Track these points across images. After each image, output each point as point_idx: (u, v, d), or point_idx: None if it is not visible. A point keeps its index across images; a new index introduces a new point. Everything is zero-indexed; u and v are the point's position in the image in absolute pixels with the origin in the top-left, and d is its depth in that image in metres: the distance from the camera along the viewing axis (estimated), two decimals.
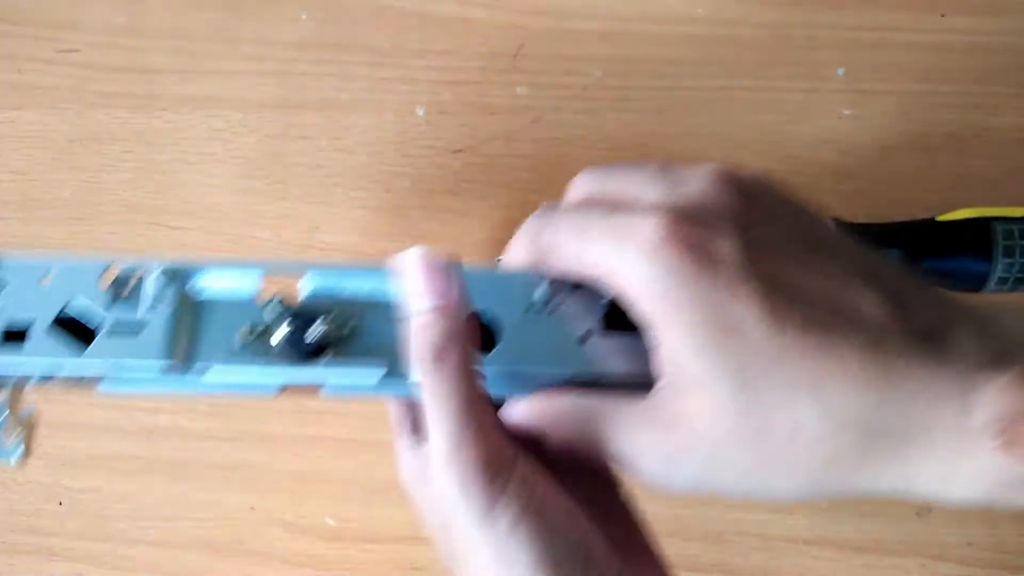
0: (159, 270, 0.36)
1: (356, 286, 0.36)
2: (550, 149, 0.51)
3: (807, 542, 0.47)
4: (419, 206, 0.50)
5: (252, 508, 0.48)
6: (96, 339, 0.35)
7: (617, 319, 0.36)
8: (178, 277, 0.36)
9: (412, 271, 0.33)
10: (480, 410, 0.32)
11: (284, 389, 0.36)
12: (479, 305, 0.35)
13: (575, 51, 0.52)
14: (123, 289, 0.36)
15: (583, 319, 0.35)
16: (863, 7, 0.52)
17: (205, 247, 0.50)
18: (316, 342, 0.35)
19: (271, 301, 0.36)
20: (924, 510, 0.47)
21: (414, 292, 0.33)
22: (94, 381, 0.36)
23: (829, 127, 0.50)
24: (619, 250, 0.31)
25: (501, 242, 0.49)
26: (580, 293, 0.36)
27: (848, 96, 0.51)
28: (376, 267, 0.36)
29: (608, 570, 0.32)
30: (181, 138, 0.51)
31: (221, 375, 0.35)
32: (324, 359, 0.35)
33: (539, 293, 0.35)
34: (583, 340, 0.35)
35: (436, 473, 0.32)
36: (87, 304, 0.36)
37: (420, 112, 0.51)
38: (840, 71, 0.51)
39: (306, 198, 0.51)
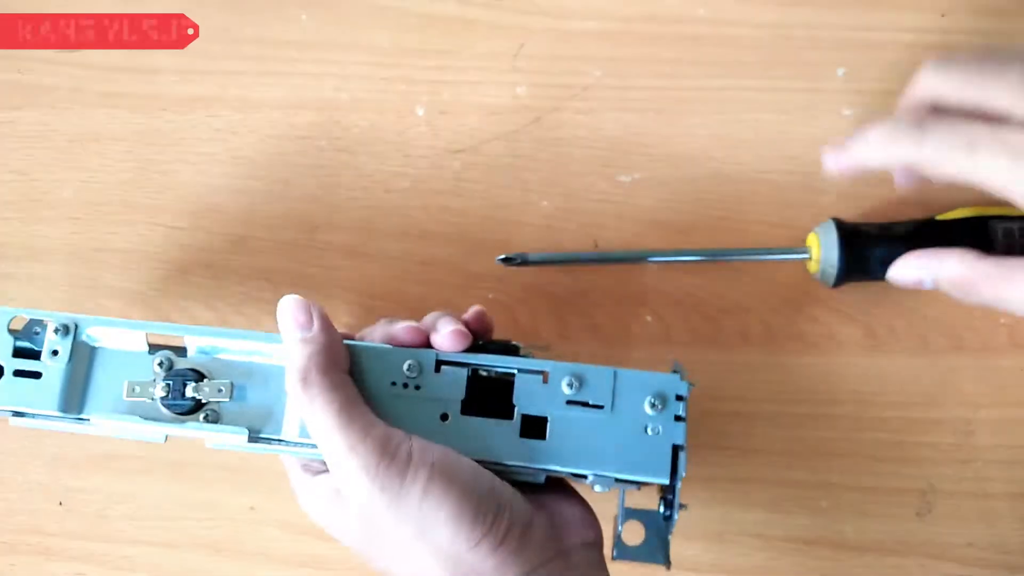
0: (56, 323, 0.39)
1: (237, 349, 0.40)
2: (550, 149, 0.51)
3: (807, 542, 0.47)
4: (419, 206, 0.50)
5: (252, 508, 0.48)
6: (0, 380, 0.39)
7: (478, 402, 0.38)
8: (73, 330, 0.39)
9: (280, 314, 0.37)
10: (358, 411, 0.36)
11: (168, 438, 0.39)
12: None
13: (575, 51, 0.52)
14: (29, 334, 0.40)
15: (445, 399, 0.38)
16: (863, 7, 0.52)
17: (205, 247, 0.50)
18: (194, 399, 0.39)
19: (159, 354, 0.40)
20: (924, 510, 0.47)
21: (283, 331, 0.37)
22: (3, 415, 0.40)
23: (829, 127, 0.50)
24: (1014, 168, 0.35)
25: (501, 242, 0.50)
26: (443, 373, 0.38)
27: (848, 96, 0.51)
28: (254, 333, 0.39)
29: (519, 513, 0.35)
30: (181, 138, 0.51)
31: (107, 424, 0.39)
32: (200, 416, 0.39)
33: (405, 369, 0.38)
34: (444, 419, 0.38)
35: (343, 477, 0.35)
36: None
37: (420, 112, 0.51)
38: (840, 71, 0.51)
39: (306, 198, 0.51)
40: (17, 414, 0.40)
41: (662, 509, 0.39)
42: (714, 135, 0.51)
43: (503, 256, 0.47)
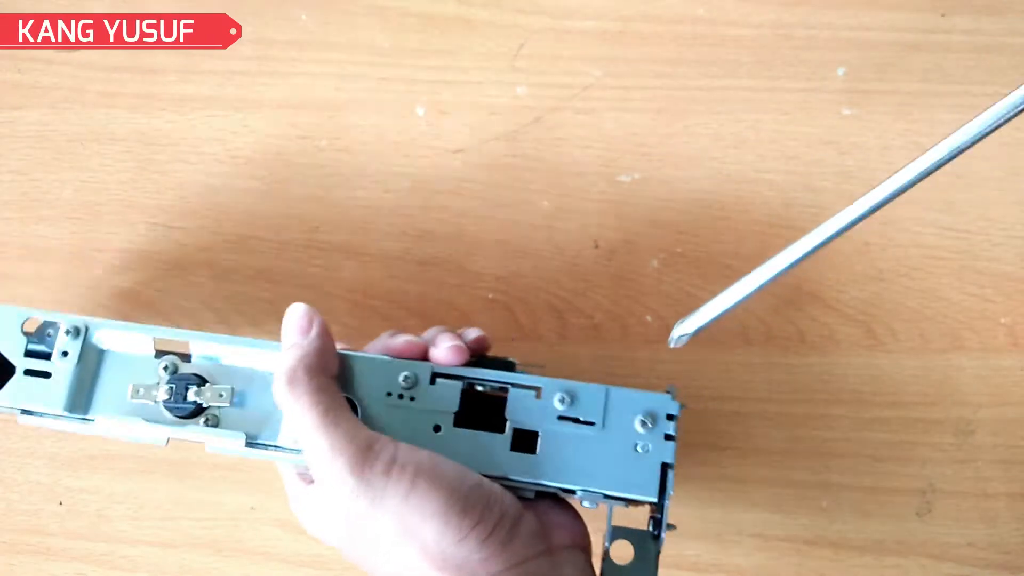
0: (67, 325, 0.40)
1: (239, 356, 0.40)
2: (550, 149, 0.51)
3: (807, 542, 0.47)
4: (419, 206, 0.50)
5: (252, 508, 0.48)
6: (12, 381, 0.40)
7: (471, 416, 0.39)
8: (84, 332, 0.40)
9: (286, 320, 0.39)
10: (344, 415, 0.36)
11: (169, 441, 0.40)
12: (344, 389, 0.39)
13: (575, 51, 0.52)
14: (42, 335, 0.41)
15: (439, 411, 0.39)
16: (863, 7, 0.52)
17: (205, 247, 0.50)
18: (196, 404, 0.40)
19: (164, 358, 0.41)
20: (924, 510, 0.47)
21: (284, 337, 0.38)
22: (12, 412, 0.41)
23: (829, 127, 0.50)
24: None
25: (502, 242, 0.50)
26: (438, 385, 0.39)
27: (848, 96, 0.51)
28: (258, 342, 0.40)
29: (508, 508, 0.36)
30: (181, 138, 0.51)
31: (110, 426, 0.40)
32: (200, 420, 0.40)
33: (401, 380, 0.39)
34: (436, 430, 0.38)
35: (327, 477, 0.35)
36: (10, 346, 0.41)
37: (420, 112, 0.51)
38: (840, 71, 0.51)
39: (305, 198, 0.51)
40: (26, 412, 0.40)
41: (651, 528, 0.39)
42: (714, 135, 0.51)
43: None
